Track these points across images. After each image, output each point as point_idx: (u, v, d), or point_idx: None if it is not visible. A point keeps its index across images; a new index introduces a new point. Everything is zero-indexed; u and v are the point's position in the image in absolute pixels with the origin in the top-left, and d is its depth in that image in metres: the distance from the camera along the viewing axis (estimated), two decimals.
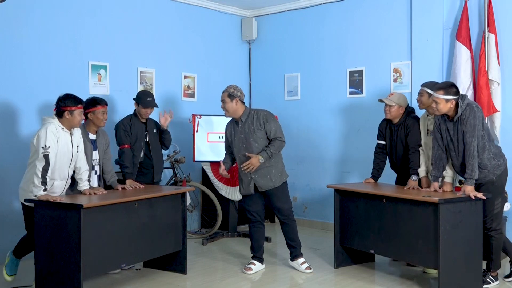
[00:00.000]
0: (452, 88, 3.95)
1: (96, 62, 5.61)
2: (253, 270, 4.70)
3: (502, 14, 5.09)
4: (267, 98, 7.12)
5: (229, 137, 4.69)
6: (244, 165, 4.50)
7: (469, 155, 3.92)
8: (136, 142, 4.88)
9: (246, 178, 4.61)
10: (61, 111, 3.94)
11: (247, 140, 4.55)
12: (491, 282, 4.18)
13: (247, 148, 4.55)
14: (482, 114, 3.98)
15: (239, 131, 4.60)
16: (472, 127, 3.89)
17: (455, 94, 3.94)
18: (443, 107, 3.96)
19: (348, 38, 6.32)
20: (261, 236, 4.79)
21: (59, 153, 3.90)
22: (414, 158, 4.54)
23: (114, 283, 4.40)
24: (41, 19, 5.16)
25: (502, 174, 4.10)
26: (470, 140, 3.90)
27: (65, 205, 3.70)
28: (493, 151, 4.05)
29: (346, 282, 4.42)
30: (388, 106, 4.68)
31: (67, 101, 3.94)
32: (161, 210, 4.36)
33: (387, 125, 4.83)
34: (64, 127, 3.96)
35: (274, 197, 4.64)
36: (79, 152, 4.12)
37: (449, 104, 3.94)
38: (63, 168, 3.98)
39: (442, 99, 3.94)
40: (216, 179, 6.01)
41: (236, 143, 4.62)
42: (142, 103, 4.89)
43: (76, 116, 3.97)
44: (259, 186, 4.59)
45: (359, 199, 4.54)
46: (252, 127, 4.53)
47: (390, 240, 4.26)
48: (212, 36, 6.85)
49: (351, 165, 6.30)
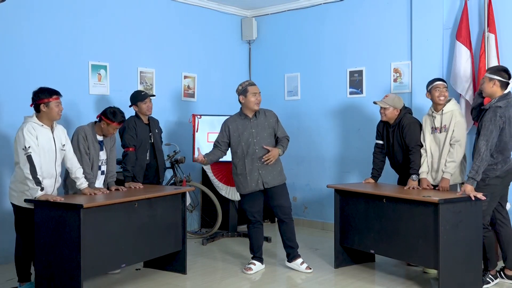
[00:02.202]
0: (502, 72, 4.07)
1: (96, 62, 5.61)
2: (253, 270, 4.70)
3: (502, 14, 5.09)
4: (267, 98, 7.09)
5: (233, 132, 4.61)
6: (266, 157, 4.52)
7: (478, 157, 3.92)
8: (141, 145, 4.89)
9: (253, 175, 4.59)
10: (37, 105, 3.91)
11: (259, 135, 4.59)
12: (491, 282, 4.18)
13: (258, 143, 4.57)
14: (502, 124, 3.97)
15: (249, 125, 4.60)
16: (489, 132, 3.92)
17: (501, 77, 4.03)
18: (487, 86, 4.08)
19: (348, 38, 6.32)
20: (261, 236, 4.79)
21: (41, 150, 3.87)
22: (415, 158, 4.54)
23: (114, 283, 4.40)
24: (41, 19, 5.17)
25: (497, 178, 4.06)
26: (482, 143, 3.92)
27: (65, 205, 3.70)
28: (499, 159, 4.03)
29: (346, 282, 4.42)
30: (383, 108, 4.70)
31: (41, 94, 3.91)
32: (161, 210, 4.36)
33: (384, 125, 4.85)
34: (43, 123, 3.92)
35: (277, 195, 4.64)
36: (67, 152, 4.10)
37: (491, 83, 4.05)
38: (48, 166, 3.95)
39: (487, 77, 4.07)
40: (216, 179, 6.00)
41: (245, 137, 4.59)
42: (140, 99, 4.91)
43: (53, 108, 3.92)
44: (266, 182, 4.59)
45: (359, 199, 4.54)
46: (266, 123, 4.62)
47: (390, 240, 4.26)
48: (212, 36, 6.85)
49: (351, 165, 6.30)
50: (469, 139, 4.70)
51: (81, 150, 4.29)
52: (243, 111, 4.66)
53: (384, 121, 4.81)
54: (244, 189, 4.64)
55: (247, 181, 4.60)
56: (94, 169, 4.38)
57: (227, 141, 4.65)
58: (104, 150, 4.48)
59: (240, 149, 4.60)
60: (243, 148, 4.59)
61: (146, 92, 5.08)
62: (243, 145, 4.59)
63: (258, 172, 4.58)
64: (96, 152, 4.39)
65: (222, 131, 4.68)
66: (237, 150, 4.62)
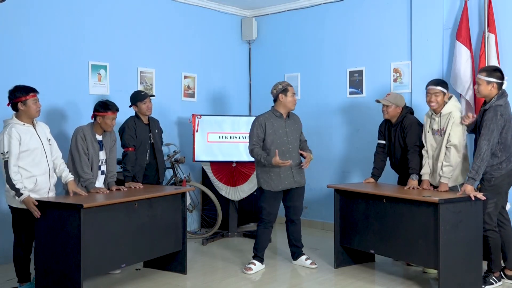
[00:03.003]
0: (496, 73, 4.09)
1: (96, 62, 5.61)
2: (253, 270, 4.70)
3: (502, 14, 5.09)
4: (267, 98, 7.09)
5: (268, 129, 4.63)
6: (306, 163, 4.70)
7: (478, 156, 3.92)
8: (141, 145, 4.89)
9: (286, 173, 4.65)
10: (14, 104, 3.89)
11: (293, 134, 4.72)
12: (494, 283, 4.16)
13: (291, 142, 4.68)
14: (504, 122, 3.97)
15: (283, 125, 4.69)
16: (490, 131, 3.92)
17: (497, 78, 4.05)
18: (484, 88, 4.08)
19: (348, 38, 6.32)
20: (268, 237, 4.84)
21: (30, 148, 3.86)
22: (412, 158, 4.55)
23: (114, 283, 4.40)
24: (41, 19, 5.16)
25: (503, 177, 4.07)
26: (483, 142, 3.92)
27: (65, 205, 3.70)
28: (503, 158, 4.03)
29: (346, 282, 4.42)
30: (385, 106, 4.73)
31: (17, 93, 3.89)
32: (161, 210, 4.36)
33: (386, 125, 4.87)
34: (24, 122, 3.91)
35: (297, 195, 4.78)
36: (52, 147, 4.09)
37: (490, 86, 4.06)
38: (40, 163, 3.94)
39: (484, 80, 4.07)
40: (216, 179, 6.00)
41: (279, 135, 4.65)
42: (139, 99, 4.92)
43: (31, 106, 3.90)
44: (297, 181, 4.72)
45: (359, 199, 4.55)
46: (296, 126, 4.81)
47: (390, 240, 4.26)
48: (212, 36, 6.85)
49: (351, 165, 6.30)
50: (469, 139, 4.69)
51: (80, 151, 4.29)
52: (278, 109, 4.72)
53: (386, 120, 4.84)
54: (276, 186, 4.66)
55: (280, 178, 4.64)
56: (94, 169, 4.38)
57: (263, 137, 4.67)
58: (103, 150, 4.48)
59: (274, 146, 4.63)
60: (278, 145, 4.63)
61: (146, 92, 5.08)
62: (278, 143, 4.64)
63: (291, 171, 4.65)
64: (96, 152, 4.38)
65: (258, 128, 4.66)
66: (271, 147, 4.64)
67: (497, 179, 4.05)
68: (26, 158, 3.85)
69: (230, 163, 5.99)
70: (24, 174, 3.84)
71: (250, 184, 6.02)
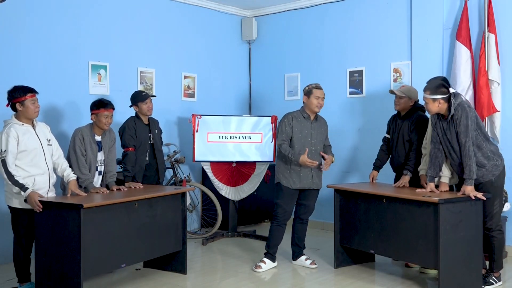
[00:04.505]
0: (440, 88, 3.95)
1: (96, 62, 5.61)
2: (263, 269, 4.72)
3: (502, 14, 5.09)
4: (267, 98, 7.13)
5: (295, 127, 4.67)
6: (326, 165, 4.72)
7: (465, 155, 3.92)
8: (141, 145, 4.89)
9: (306, 173, 4.69)
10: (13, 104, 3.90)
11: (318, 137, 4.76)
12: (494, 283, 4.17)
13: (314, 145, 4.71)
14: (474, 114, 3.97)
15: (310, 126, 4.73)
16: (465, 127, 3.89)
17: (442, 94, 3.94)
18: (432, 106, 3.98)
19: (348, 38, 6.32)
20: (281, 235, 4.85)
21: (28, 148, 3.86)
22: (412, 156, 4.56)
23: (114, 283, 4.40)
24: (41, 19, 5.16)
25: (500, 174, 4.09)
26: (464, 140, 3.91)
27: (65, 205, 3.70)
28: (491, 149, 4.05)
29: (346, 282, 4.42)
30: (397, 97, 4.70)
31: (15, 93, 3.89)
32: (161, 210, 4.36)
33: (395, 118, 4.86)
34: (22, 122, 3.91)
35: (311, 196, 4.82)
36: (53, 147, 4.09)
37: (436, 103, 3.96)
38: (39, 162, 3.94)
39: (430, 99, 3.97)
40: (216, 179, 6.00)
41: (304, 135, 4.69)
42: (140, 99, 4.92)
43: (29, 106, 3.89)
44: (315, 182, 4.77)
45: (359, 199, 4.55)
46: (322, 129, 4.83)
47: (390, 240, 4.26)
48: (212, 36, 6.85)
49: (351, 165, 6.30)
50: None
51: (77, 152, 4.29)
52: (305, 110, 4.76)
53: (395, 115, 4.83)
54: (295, 184, 4.70)
55: (300, 177, 4.69)
56: (92, 170, 4.38)
57: (291, 134, 4.70)
58: (102, 151, 4.47)
59: (298, 145, 4.67)
60: (301, 146, 4.66)
61: (147, 92, 5.08)
62: (302, 143, 4.68)
63: (311, 171, 4.70)
64: (94, 153, 4.38)
65: (286, 125, 4.71)
66: (296, 145, 4.68)
67: (497, 178, 4.06)
68: (24, 158, 3.86)
69: (230, 163, 5.99)
70: (22, 174, 3.84)
71: (250, 184, 6.02)
